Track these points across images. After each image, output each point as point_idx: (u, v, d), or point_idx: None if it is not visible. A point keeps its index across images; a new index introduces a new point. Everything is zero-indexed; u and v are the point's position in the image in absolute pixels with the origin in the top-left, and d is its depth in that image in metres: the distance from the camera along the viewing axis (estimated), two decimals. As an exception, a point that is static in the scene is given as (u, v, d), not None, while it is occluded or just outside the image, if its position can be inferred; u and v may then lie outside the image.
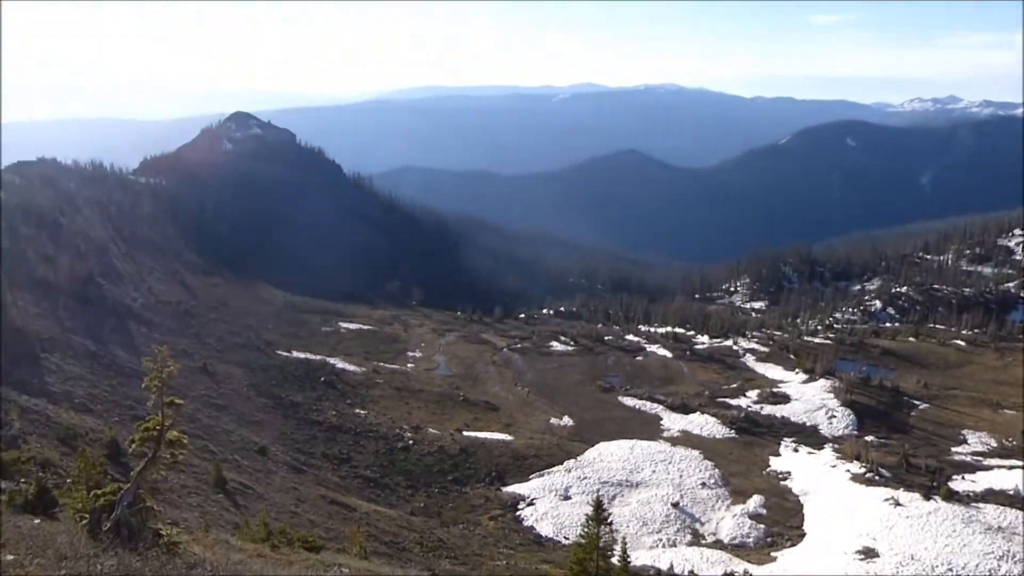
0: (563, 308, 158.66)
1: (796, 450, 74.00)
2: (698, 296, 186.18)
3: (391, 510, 52.03)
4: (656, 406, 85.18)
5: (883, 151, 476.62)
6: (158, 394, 15.35)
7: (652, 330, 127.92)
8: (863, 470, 66.14)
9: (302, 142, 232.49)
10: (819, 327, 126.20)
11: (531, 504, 58.93)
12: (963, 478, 64.53)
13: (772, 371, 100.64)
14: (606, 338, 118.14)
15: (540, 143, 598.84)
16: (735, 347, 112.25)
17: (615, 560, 24.51)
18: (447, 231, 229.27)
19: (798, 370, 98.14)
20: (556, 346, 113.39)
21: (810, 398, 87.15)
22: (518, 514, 57.40)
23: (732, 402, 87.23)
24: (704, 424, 79.53)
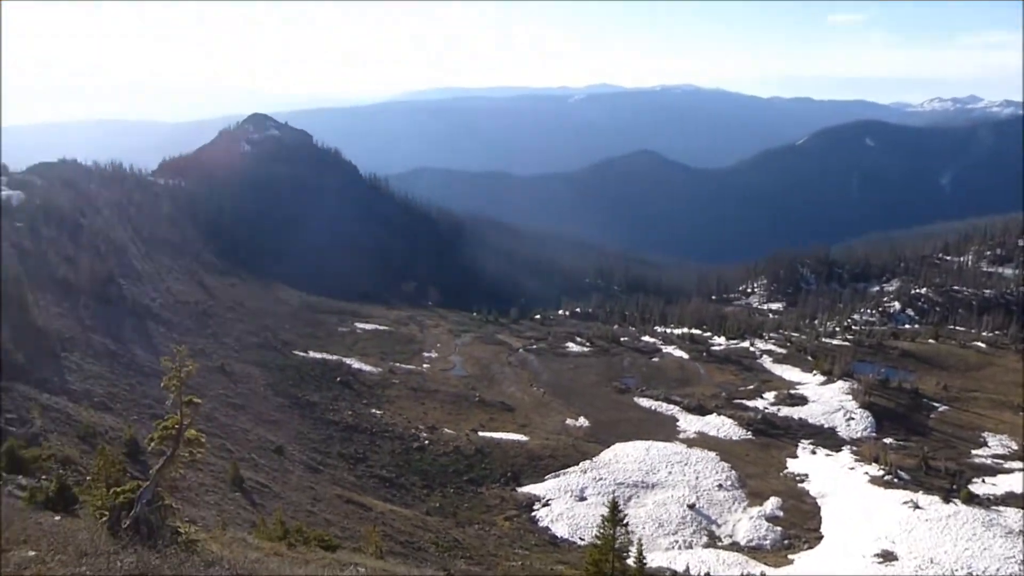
0: (579, 309, 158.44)
1: (814, 452, 73.48)
2: (715, 297, 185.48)
3: (407, 510, 52.13)
4: (672, 407, 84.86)
5: (902, 151, 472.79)
6: (177, 393, 15.49)
7: (668, 331, 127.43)
8: (882, 472, 65.56)
9: (319, 143, 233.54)
10: (837, 329, 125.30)
11: (546, 505, 58.86)
12: (983, 481, 63.84)
13: (789, 373, 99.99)
14: (622, 339, 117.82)
15: (556, 144, 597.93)
16: (752, 348, 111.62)
17: (631, 561, 24.45)
18: (463, 232, 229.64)
19: (816, 372, 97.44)
20: (572, 347, 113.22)
21: (828, 400, 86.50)
22: (533, 515, 57.35)
23: (749, 404, 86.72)
24: (721, 425, 79.14)
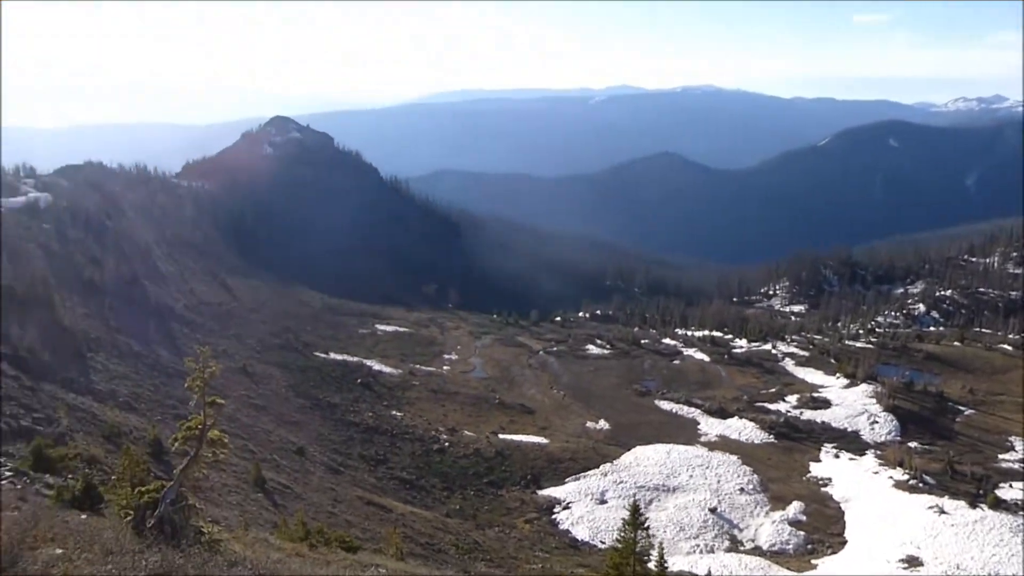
0: (599, 311, 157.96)
1: (837, 456, 72.76)
2: (736, 299, 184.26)
3: (427, 512, 52.22)
4: (693, 410, 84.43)
5: (926, 152, 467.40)
6: (200, 394, 15.61)
7: (689, 334, 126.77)
8: (906, 477, 64.81)
9: (340, 146, 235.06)
10: (860, 331, 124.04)
11: (567, 508, 58.73)
12: (1010, 486, 62.88)
13: (812, 376, 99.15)
14: (642, 341, 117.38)
15: (576, 146, 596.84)
16: (774, 351, 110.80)
17: (652, 565, 24.28)
18: (483, 234, 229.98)
19: (839, 375, 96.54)
20: (592, 349, 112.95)
21: (851, 403, 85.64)
22: (554, 517, 57.24)
23: (771, 407, 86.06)
24: (742, 429, 78.60)
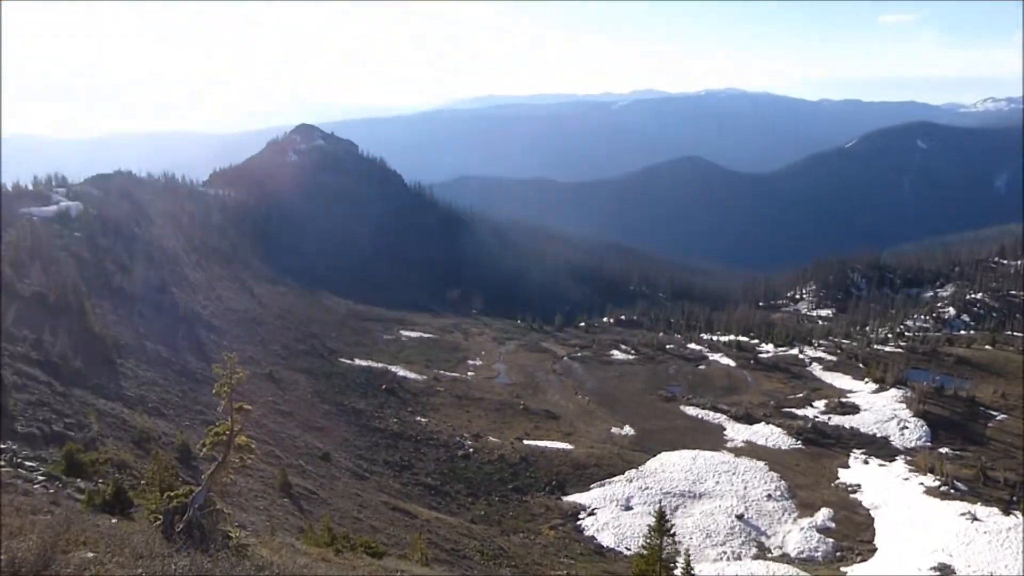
0: (624, 316, 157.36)
1: (866, 462, 71.77)
2: (762, 304, 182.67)
3: (452, 518, 52.24)
4: (719, 416, 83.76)
5: (955, 153, 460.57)
6: (227, 400, 15.76)
7: (715, 339, 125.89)
8: (937, 483, 63.76)
9: (364, 153, 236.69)
10: (889, 335, 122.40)
11: (592, 514, 58.48)
12: (1046, 494, 61.60)
13: (840, 380, 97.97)
14: (667, 347, 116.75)
15: (600, 150, 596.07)
16: (801, 356, 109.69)
17: (678, 572, 24.15)
18: (507, 239, 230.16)
19: (868, 379, 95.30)
20: (617, 355, 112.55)
21: (881, 408, 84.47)
22: (579, 524, 57.02)
23: (798, 412, 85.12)
24: (769, 434, 77.82)
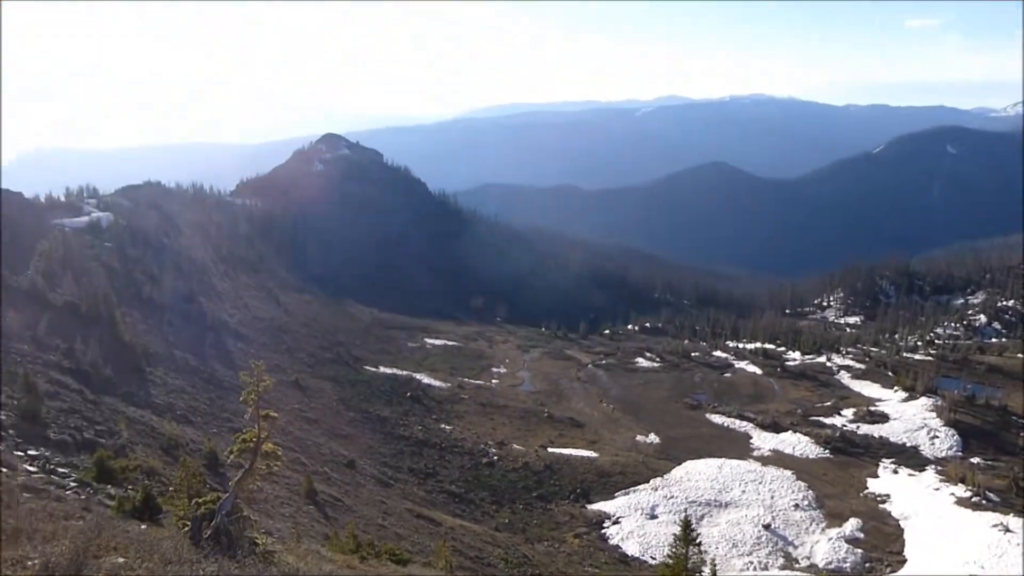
0: (648, 324, 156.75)
1: (896, 472, 70.76)
2: (788, 311, 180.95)
3: (476, 525, 52.23)
4: (745, 424, 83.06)
5: (985, 157, 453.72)
6: (254, 407, 15.96)
7: (740, 346, 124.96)
8: (969, 494, 62.66)
9: (389, 161, 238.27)
10: (919, 343, 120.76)
11: (616, 522, 58.19)
12: (1082, 505, 60.33)
13: (869, 389, 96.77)
14: (693, 354, 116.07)
15: (624, 157, 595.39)
16: (829, 364, 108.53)
17: (704, 582, 23.97)
18: (531, 247, 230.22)
19: (897, 388, 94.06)
20: (641, 362, 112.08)
21: (910, 417, 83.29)
22: (603, 532, 56.75)
23: (826, 421, 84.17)
24: (796, 443, 77.01)
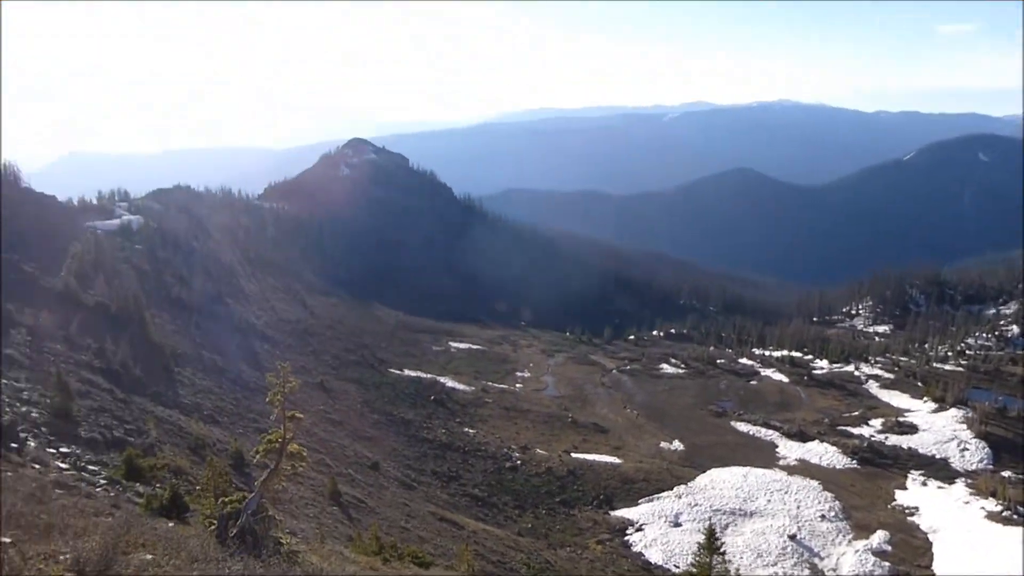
0: (673, 330, 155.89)
1: (925, 484, 69.65)
2: (816, 319, 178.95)
3: (499, 530, 52.19)
4: (771, 433, 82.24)
5: (1018, 165, 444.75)
6: (280, 408, 16.10)
7: (767, 354, 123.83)
8: (999, 508, 61.53)
9: (415, 166, 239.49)
10: (949, 353, 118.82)
11: (640, 529, 57.85)
12: (1118, 520, 58.98)
13: (898, 399, 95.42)
14: (718, 361, 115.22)
15: (650, 163, 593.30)
16: (857, 373, 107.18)
17: (728, 591, 23.76)
18: (556, 251, 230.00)
19: (926, 398, 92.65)
20: (666, 369, 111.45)
21: (940, 429, 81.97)
22: (626, 539, 56.44)
23: (854, 431, 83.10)
24: (823, 453, 76.09)
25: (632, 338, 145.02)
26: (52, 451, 26.22)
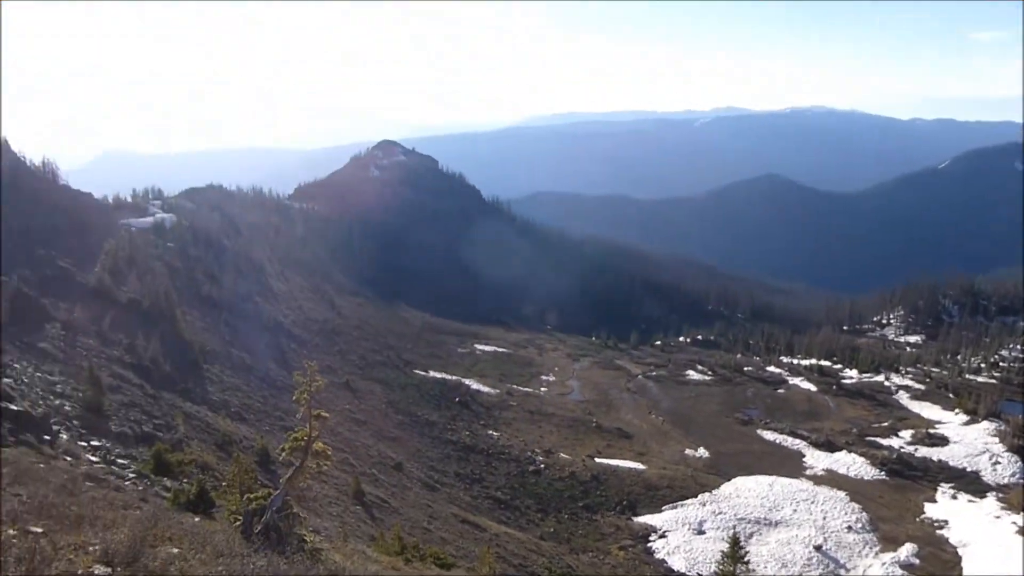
0: (700, 336, 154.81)
1: (955, 497, 68.38)
2: (846, 328, 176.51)
3: (521, 533, 52.16)
4: (798, 442, 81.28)
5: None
6: (306, 407, 16.26)
7: (795, 362, 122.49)
8: (1033, 523, 60.26)
9: (444, 168, 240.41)
10: (982, 365, 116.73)
11: (663, 536, 57.47)
12: None
13: (928, 410, 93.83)
14: (745, 369, 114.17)
15: (680, 168, 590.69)
16: (887, 383, 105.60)
17: (751, 600, 23.53)
18: (584, 255, 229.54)
19: (958, 410, 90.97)
20: (692, 375, 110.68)
21: (971, 441, 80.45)
22: (649, 546, 56.09)
23: (883, 441, 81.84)
24: (851, 464, 75.02)
25: (658, 344, 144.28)
26: (83, 444, 26.68)
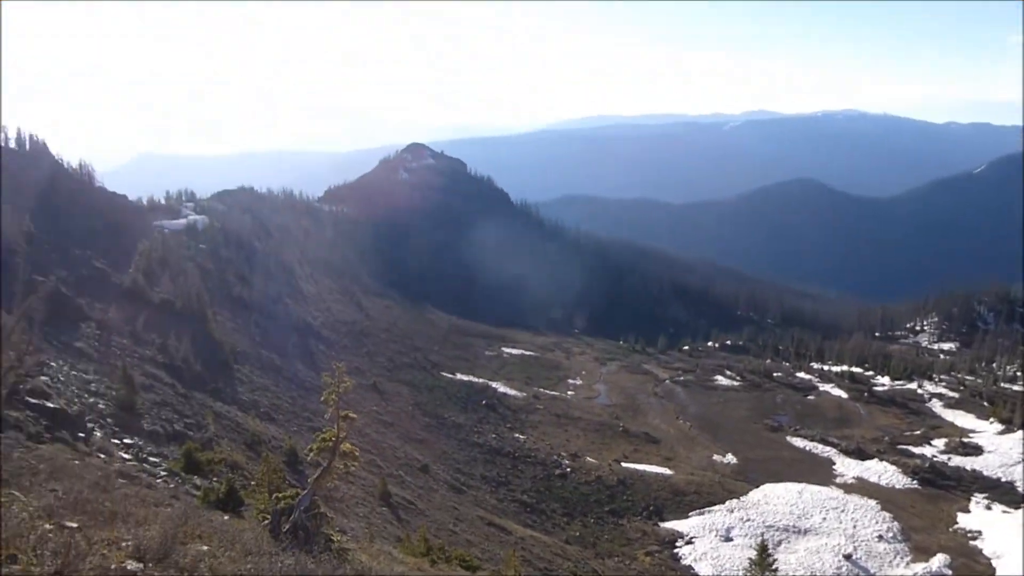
0: (729, 341, 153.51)
1: (989, 508, 67.05)
2: (878, 334, 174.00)
3: (546, 536, 52.06)
4: (828, 449, 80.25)
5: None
6: (334, 408, 16.40)
7: (826, 368, 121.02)
8: (1070, 536, 58.87)
9: (472, 171, 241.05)
10: (1018, 373, 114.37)
11: (690, 543, 57.05)
12: None
13: (962, 419, 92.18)
14: (775, 374, 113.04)
15: (709, 172, 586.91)
16: (920, 391, 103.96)
17: (778, 609, 23.29)
18: (611, 259, 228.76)
19: (993, 419, 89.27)
20: (721, 380, 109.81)
21: (1007, 451, 78.83)
22: (675, 552, 55.70)
23: (915, 450, 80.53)
24: (882, 472, 73.91)
25: (686, 348, 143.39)
26: (116, 442, 27.13)
